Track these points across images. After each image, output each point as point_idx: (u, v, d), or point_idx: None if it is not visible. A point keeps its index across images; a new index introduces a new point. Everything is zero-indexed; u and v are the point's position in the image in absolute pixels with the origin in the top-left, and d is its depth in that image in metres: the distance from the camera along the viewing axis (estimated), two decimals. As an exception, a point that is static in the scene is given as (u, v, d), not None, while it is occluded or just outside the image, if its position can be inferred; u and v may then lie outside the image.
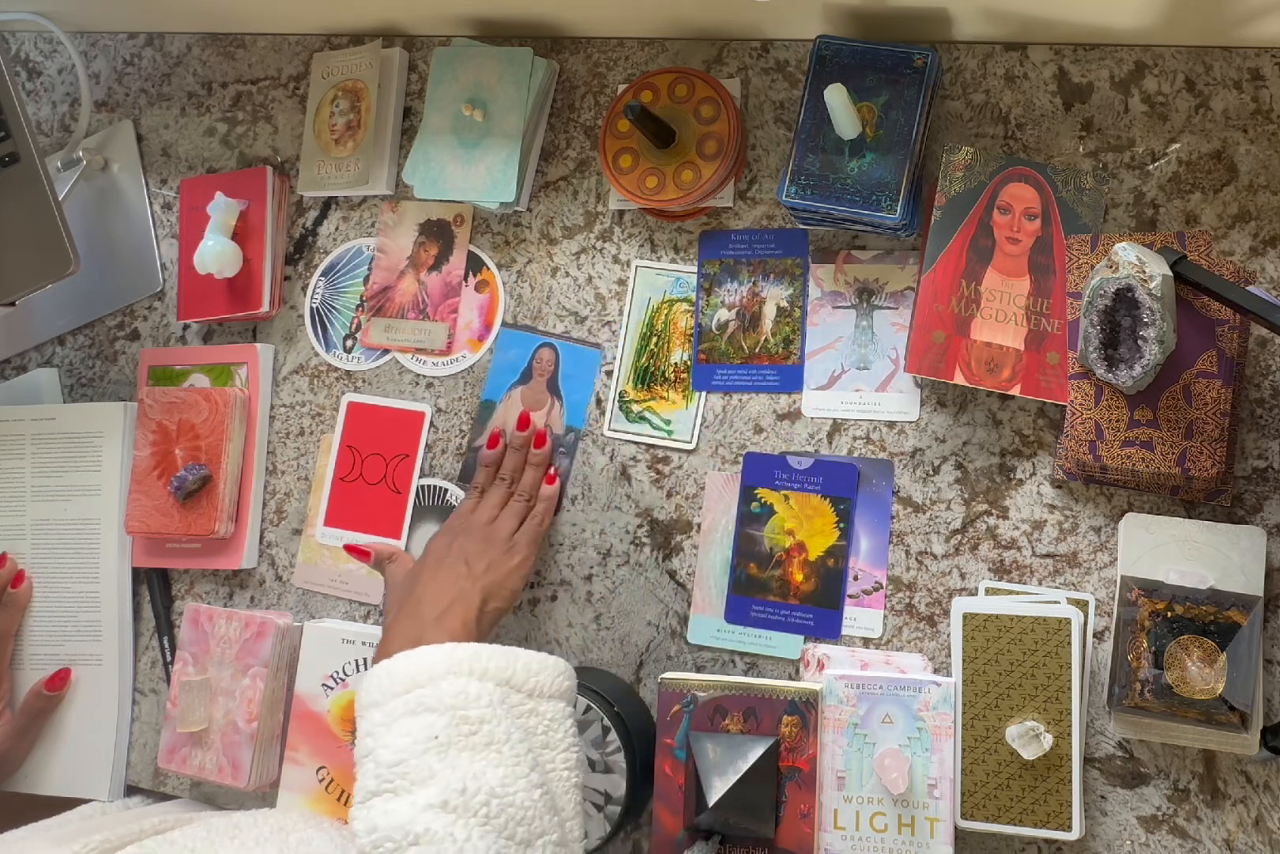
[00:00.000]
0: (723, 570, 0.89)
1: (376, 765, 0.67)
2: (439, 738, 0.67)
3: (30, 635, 1.04)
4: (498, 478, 0.92)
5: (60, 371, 1.12)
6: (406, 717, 0.69)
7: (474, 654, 0.72)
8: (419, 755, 0.67)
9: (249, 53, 1.09)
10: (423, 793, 0.65)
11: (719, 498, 0.89)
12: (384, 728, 0.69)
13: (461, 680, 0.70)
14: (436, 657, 0.71)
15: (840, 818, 0.80)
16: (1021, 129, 0.85)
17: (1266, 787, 0.76)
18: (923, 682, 0.80)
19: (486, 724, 0.68)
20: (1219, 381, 0.73)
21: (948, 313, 0.82)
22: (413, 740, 0.67)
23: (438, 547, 0.87)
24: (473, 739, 0.68)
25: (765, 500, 0.88)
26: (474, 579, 0.83)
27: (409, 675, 0.71)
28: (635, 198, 0.90)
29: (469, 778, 0.66)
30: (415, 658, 0.72)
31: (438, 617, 0.79)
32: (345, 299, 1.03)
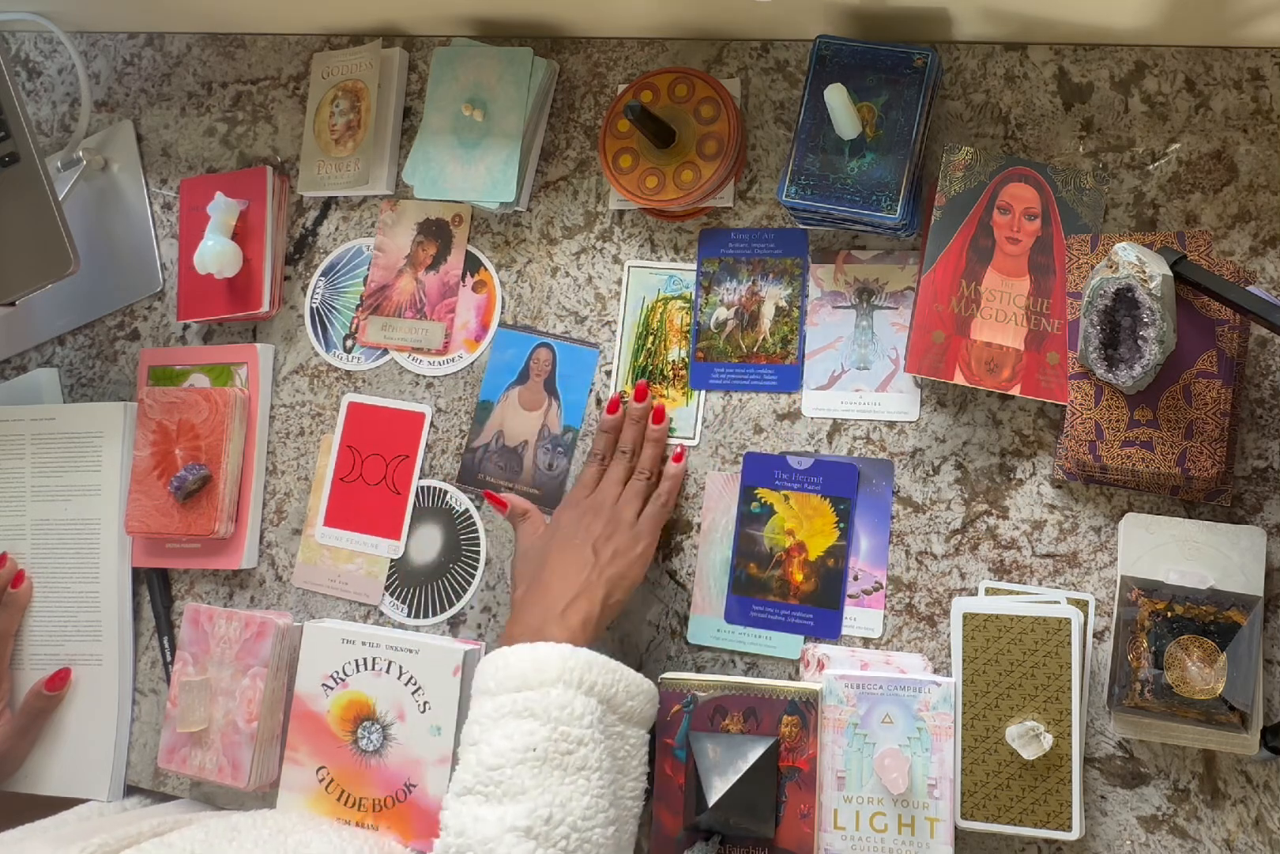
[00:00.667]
0: (723, 570, 0.89)
1: (478, 763, 0.72)
2: (537, 751, 0.71)
3: (30, 635, 1.04)
4: (619, 450, 0.90)
5: (60, 371, 1.12)
6: (512, 717, 0.73)
7: (586, 664, 0.75)
8: (515, 764, 0.71)
9: (249, 53, 1.09)
10: (512, 809, 0.70)
11: (719, 498, 0.89)
12: (491, 722, 0.73)
13: (569, 693, 0.73)
14: (552, 659, 0.75)
15: (840, 818, 0.80)
16: (1021, 129, 0.85)
17: (1266, 787, 0.76)
18: (923, 682, 0.80)
19: (583, 747, 0.72)
20: (1219, 381, 0.73)
21: (948, 313, 0.82)
22: (512, 746, 0.71)
23: (566, 522, 0.87)
24: (567, 760, 0.71)
25: (765, 500, 0.88)
26: (600, 570, 0.83)
27: (522, 673, 0.74)
28: (635, 198, 0.90)
29: (556, 805, 0.70)
30: (533, 654, 0.75)
31: (563, 610, 0.80)
32: (345, 299, 1.03)
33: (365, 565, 0.99)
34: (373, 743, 0.92)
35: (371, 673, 0.93)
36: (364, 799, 0.92)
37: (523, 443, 0.95)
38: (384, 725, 0.92)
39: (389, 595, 0.98)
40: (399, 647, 0.93)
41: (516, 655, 0.75)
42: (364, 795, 0.92)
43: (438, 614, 0.96)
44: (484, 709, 0.75)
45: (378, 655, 0.93)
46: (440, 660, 0.91)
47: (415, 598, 0.97)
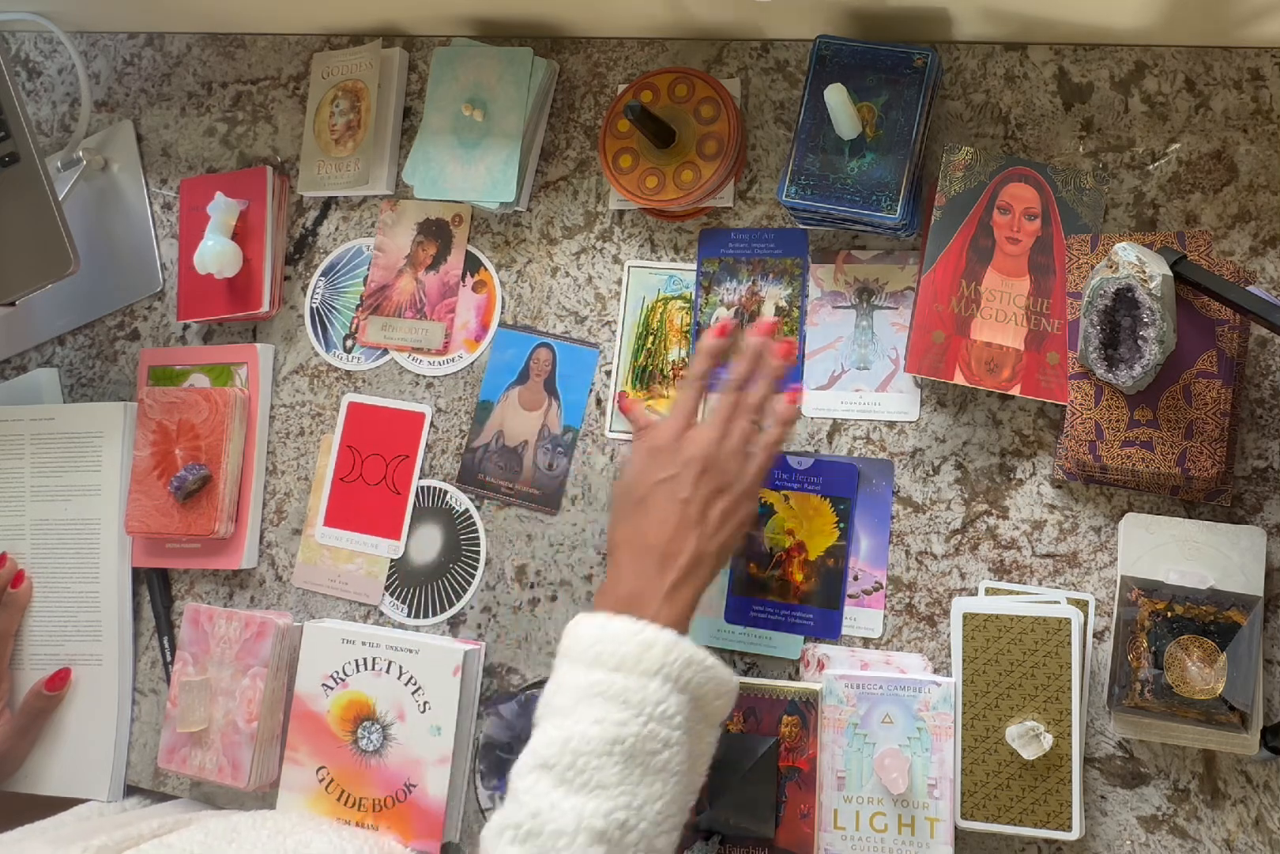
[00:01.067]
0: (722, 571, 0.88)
1: (563, 742, 0.68)
2: (625, 745, 0.68)
3: (30, 635, 1.04)
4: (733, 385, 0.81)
5: (60, 371, 1.12)
6: (606, 701, 0.69)
7: (687, 662, 0.71)
8: (601, 755, 0.68)
9: (249, 53, 1.09)
10: (590, 805, 0.67)
11: None
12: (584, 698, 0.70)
13: (666, 689, 0.69)
14: (657, 648, 0.70)
15: (840, 818, 0.80)
16: (1021, 129, 0.85)
17: (1266, 787, 0.76)
18: (923, 682, 0.80)
19: (669, 749, 0.69)
20: (1219, 381, 0.73)
21: (948, 313, 0.82)
22: (602, 734, 0.68)
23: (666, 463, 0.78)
24: (652, 760, 0.68)
25: (765, 500, 0.88)
26: (709, 539, 0.76)
27: (623, 654, 0.70)
28: (635, 198, 0.90)
29: (632, 809, 0.67)
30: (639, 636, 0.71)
31: (671, 586, 0.74)
32: (345, 299, 1.03)
33: (365, 565, 0.99)
34: (373, 743, 0.92)
35: (371, 673, 0.93)
36: (364, 799, 0.92)
37: (523, 443, 0.95)
38: (384, 725, 0.92)
39: (389, 595, 0.98)
40: (399, 647, 0.93)
41: (621, 632, 0.71)
42: (364, 795, 0.92)
43: (438, 614, 0.96)
44: (576, 679, 0.71)
45: (378, 655, 0.93)
46: (440, 660, 0.91)
47: (415, 598, 0.97)
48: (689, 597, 0.75)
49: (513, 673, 0.93)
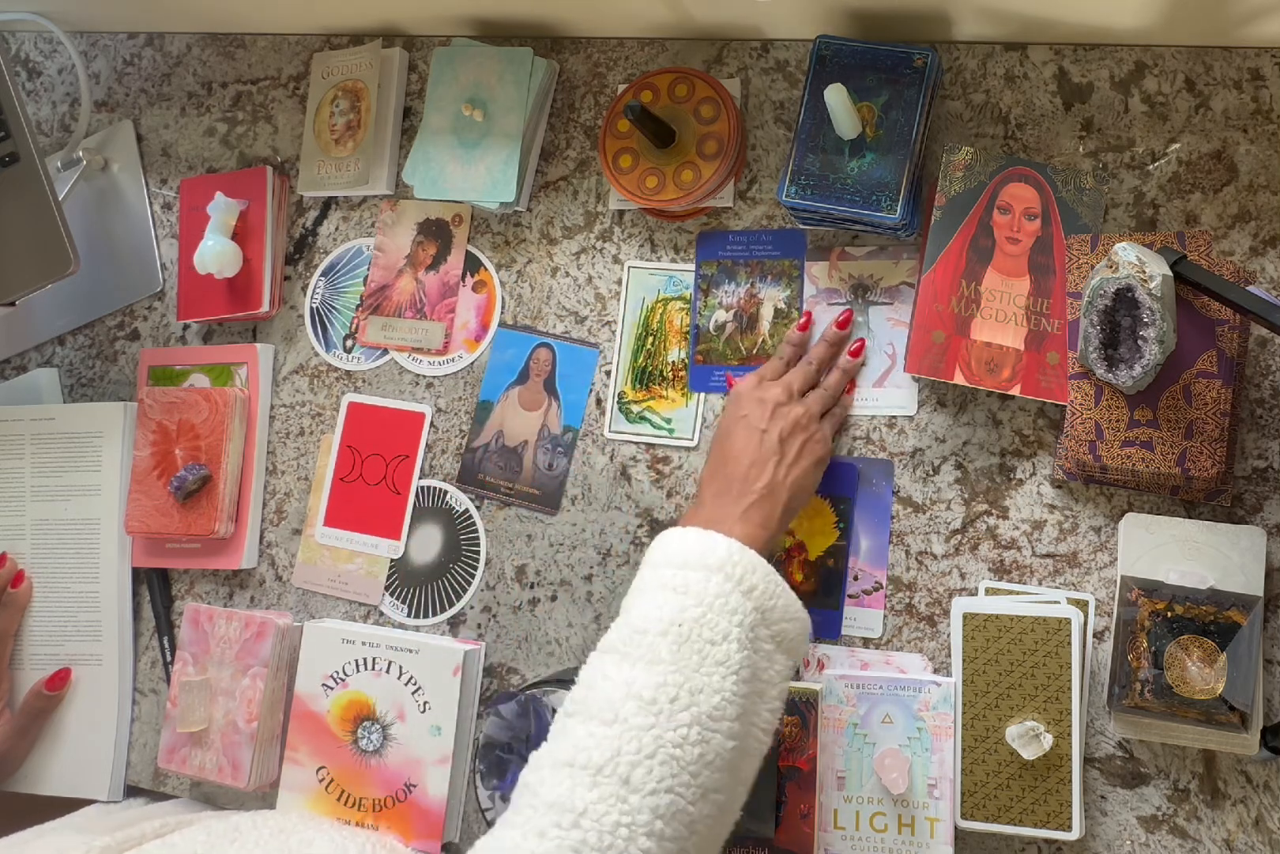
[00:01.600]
0: None
1: (625, 624, 0.71)
2: (683, 627, 0.69)
3: (30, 635, 1.04)
4: (804, 360, 0.87)
5: (60, 371, 1.12)
6: (668, 590, 0.71)
7: (751, 565, 0.73)
8: (658, 633, 0.69)
9: (249, 53, 1.09)
10: (642, 676, 0.68)
11: None
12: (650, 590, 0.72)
13: (728, 585, 0.71)
14: (720, 547, 0.73)
15: (840, 818, 0.80)
16: (1021, 129, 0.85)
17: (1266, 787, 0.76)
18: (923, 682, 0.80)
19: (727, 643, 0.69)
20: (1219, 381, 0.73)
21: (948, 313, 0.82)
22: (660, 615, 0.70)
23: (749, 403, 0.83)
24: (709, 649, 0.69)
25: None
26: (787, 469, 0.80)
27: (687, 551, 0.73)
28: (635, 198, 0.90)
29: (685, 689, 0.67)
30: (703, 539, 0.74)
31: (744, 509, 0.78)
32: (345, 299, 1.03)
33: (365, 565, 0.99)
34: (373, 743, 0.92)
35: (371, 673, 0.93)
36: (364, 799, 0.92)
37: (523, 443, 0.95)
38: (384, 725, 0.92)
39: (389, 595, 0.98)
40: (399, 647, 0.93)
41: (688, 536, 0.74)
42: (364, 795, 0.92)
43: (438, 614, 0.96)
44: (644, 579, 0.74)
45: (378, 655, 0.93)
46: (440, 660, 0.91)
47: (415, 598, 0.97)
48: (760, 519, 0.78)
49: (513, 673, 0.93)
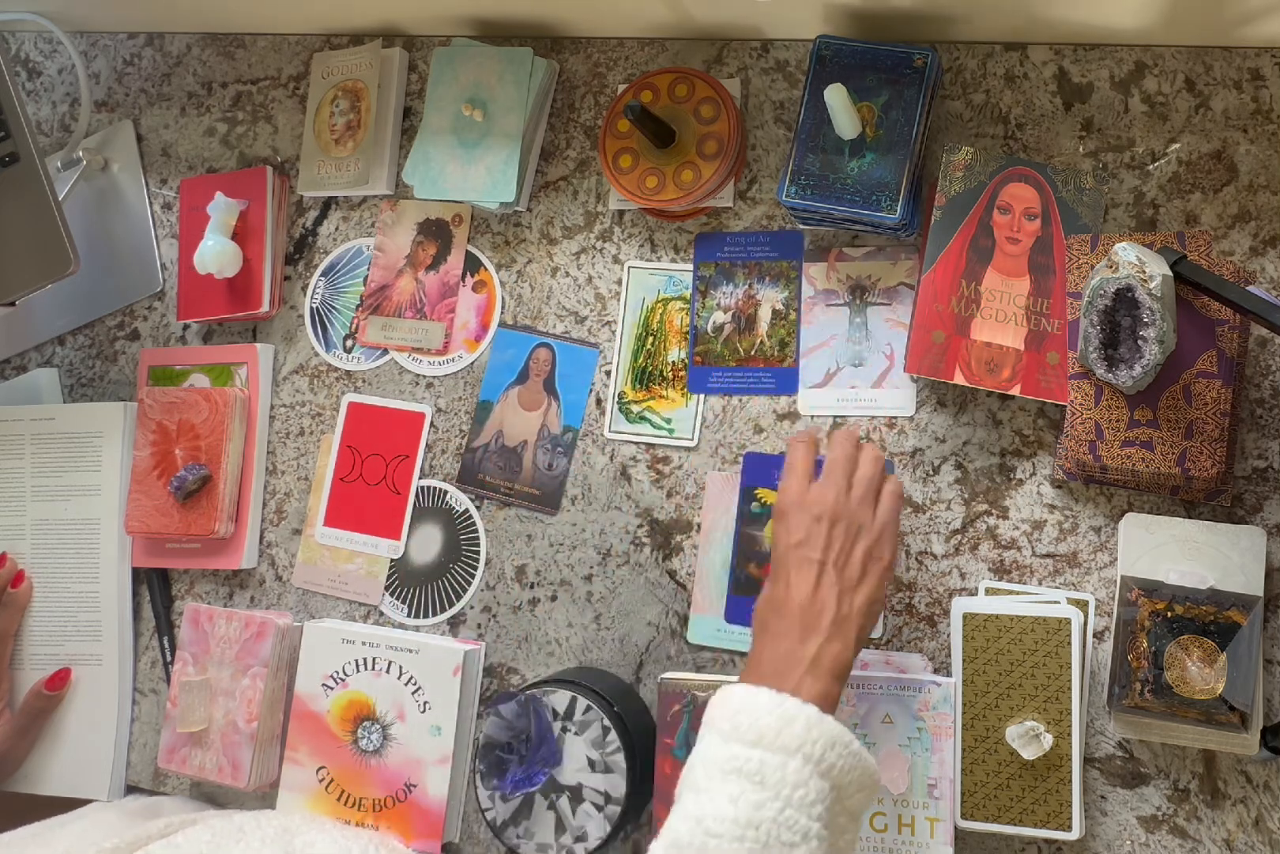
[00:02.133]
0: (723, 570, 0.88)
1: (698, 821, 0.64)
2: (760, 831, 0.63)
3: (30, 635, 1.04)
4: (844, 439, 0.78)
5: (60, 371, 1.12)
6: (742, 778, 0.65)
7: (831, 741, 0.66)
8: (733, 840, 0.63)
9: (249, 53, 1.09)
10: None
11: (719, 498, 0.89)
12: (719, 774, 0.65)
13: (806, 770, 0.65)
14: (798, 724, 0.66)
15: (840, 818, 0.80)
16: (1021, 129, 0.85)
17: (1266, 787, 0.76)
18: (923, 682, 0.80)
19: (807, 843, 0.64)
20: (1219, 381, 0.73)
21: (948, 313, 0.82)
22: (735, 816, 0.63)
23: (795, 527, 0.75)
24: (789, 853, 0.63)
25: (765, 501, 0.88)
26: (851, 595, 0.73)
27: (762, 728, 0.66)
28: (635, 198, 0.90)
29: None
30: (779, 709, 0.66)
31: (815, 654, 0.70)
32: (345, 299, 1.03)
33: (365, 565, 0.99)
34: (373, 743, 0.92)
35: (371, 673, 0.93)
36: (364, 799, 0.92)
37: (522, 443, 0.95)
38: (384, 725, 0.92)
39: (389, 595, 0.98)
40: (399, 647, 0.93)
41: (761, 703, 0.67)
42: (364, 795, 0.92)
43: (438, 614, 0.96)
44: (714, 753, 0.66)
45: (378, 655, 0.93)
46: (440, 660, 0.91)
47: (415, 598, 0.97)
48: (834, 665, 0.71)
49: (513, 673, 0.93)
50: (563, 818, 0.83)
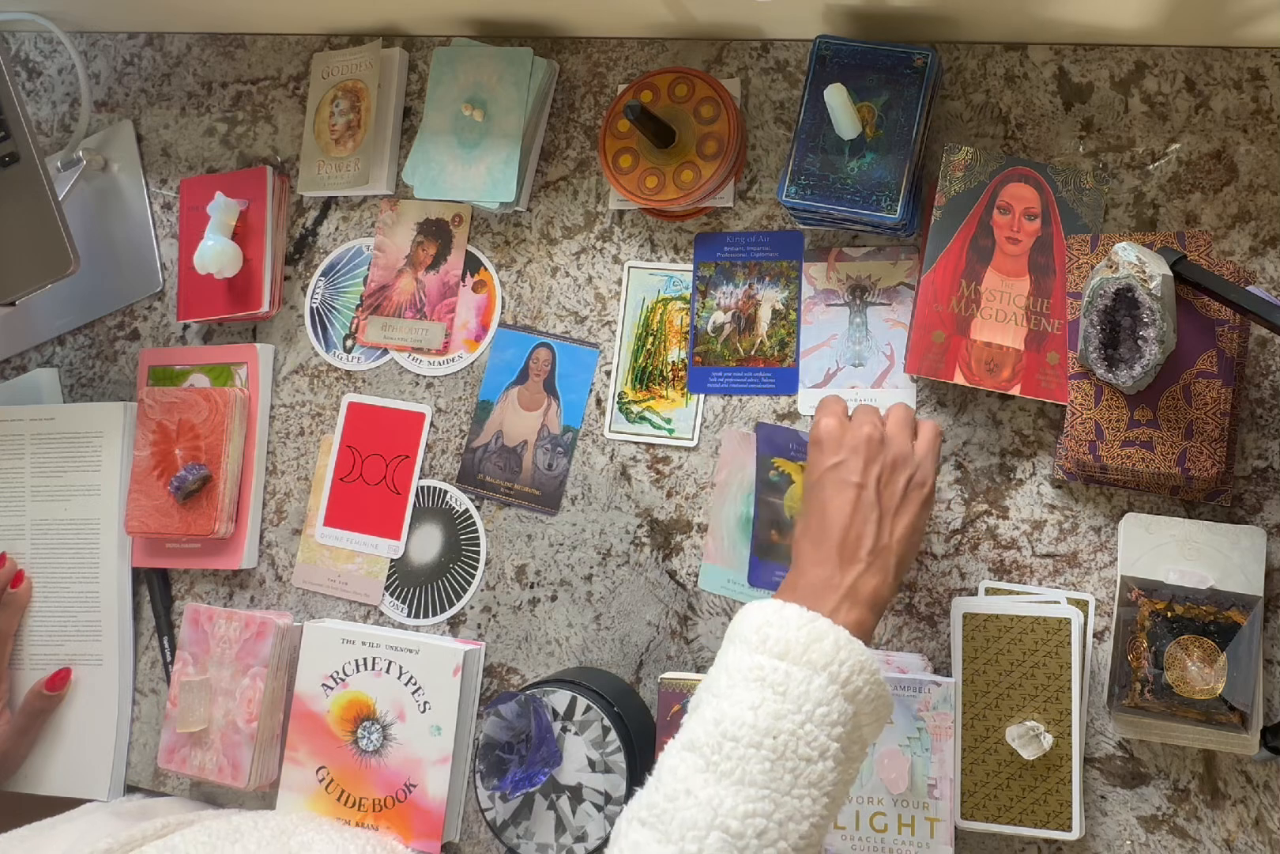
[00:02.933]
0: (736, 524, 0.88)
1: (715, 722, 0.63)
2: (778, 740, 0.62)
3: (30, 635, 1.04)
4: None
5: (60, 371, 1.12)
6: (765, 687, 0.63)
7: (858, 667, 0.65)
8: (750, 745, 0.62)
9: (249, 53, 1.09)
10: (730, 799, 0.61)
11: (734, 455, 0.89)
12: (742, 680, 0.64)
13: (831, 689, 0.63)
14: (827, 642, 0.64)
15: (840, 818, 0.80)
16: (1021, 129, 0.85)
17: (1266, 787, 0.76)
18: (923, 682, 0.80)
19: (824, 761, 0.63)
20: (1219, 381, 0.73)
21: (948, 313, 0.82)
22: (754, 722, 0.62)
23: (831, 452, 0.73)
24: (804, 769, 0.62)
25: (783, 469, 0.87)
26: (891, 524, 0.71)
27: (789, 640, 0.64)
28: (635, 198, 0.90)
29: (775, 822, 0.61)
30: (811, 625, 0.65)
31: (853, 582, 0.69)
32: (345, 299, 1.03)
33: (365, 565, 0.99)
34: (373, 743, 0.92)
35: (371, 673, 0.93)
36: (364, 799, 0.92)
37: (522, 443, 0.95)
38: (384, 725, 0.92)
39: (389, 595, 0.98)
40: (399, 647, 0.93)
41: (793, 617, 0.65)
42: (364, 795, 0.92)
43: (438, 614, 0.96)
44: (739, 662, 0.65)
45: (378, 655, 0.93)
46: (440, 660, 0.91)
47: (415, 598, 0.97)
48: (870, 593, 0.69)
49: (513, 673, 0.93)
50: (563, 818, 0.83)
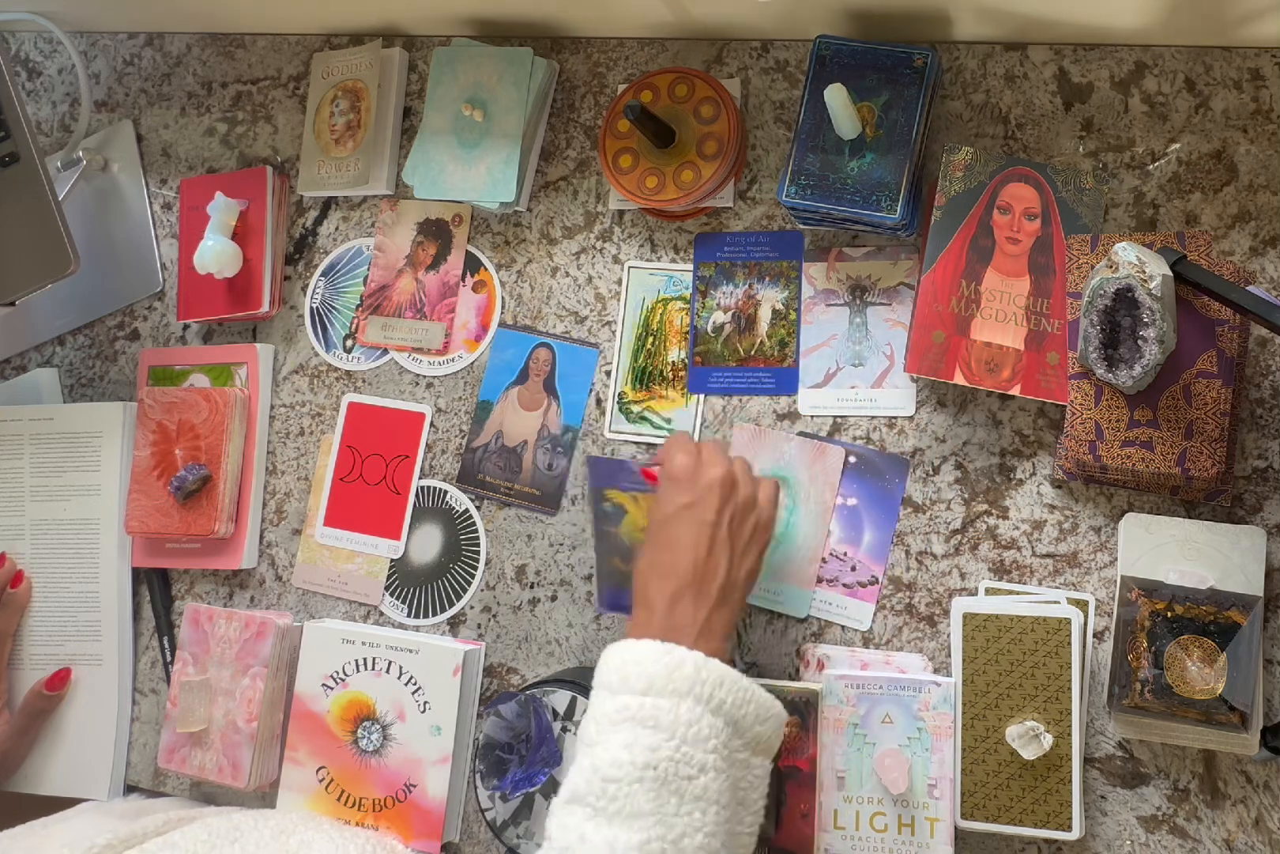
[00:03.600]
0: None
1: (593, 769, 0.66)
2: (658, 770, 0.65)
3: (30, 635, 1.04)
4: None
5: (60, 371, 1.12)
6: (635, 724, 0.67)
7: (719, 679, 0.68)
8: (633, 781, 0.65)
9: (249, 53, 1.09)
10: (624, 835, 0.63)
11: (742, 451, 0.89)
12: (610, 724, 0.67)
13: (698, 709, 0.67)
14: (685, 667, 0.68)
15: (840, 818, 0.80)
16: (1021, 129, 0.85)
17: (1266, 787, 0.76)
18: (923, 682, 0.80)
19: (705, 774, 0.66)
20: (1219, 381, 0.73)
21: (948, 313, 0.82)
22: (632, 759, 0.65)
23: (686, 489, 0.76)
24: (687, 786, 0.65)
25: (615, 500, 0.86)
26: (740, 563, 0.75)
27: (650, 675, 0.68)
28: (635, 198, 0.90)
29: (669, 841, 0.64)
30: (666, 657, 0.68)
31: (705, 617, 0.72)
32: (345, 299, 1.03)
33: (365, 565, 0.99)
34: (373, 743, 0.92)
35: (371, 673, 0.93)
36: (364, 799, 0.92)
37: (522, 443, 0.95)
38: (384, 725, 0.92)
39: (389, 595, 0.98)
40: (399, 647, 0.93)
41: (647, 654, 0.69)
42: (364, 795, 0.92)
43: (438, 614, 0.96)
44: (604, 708, 0.68)
45: (378, 655, 0.93)
46: (440, 660, 0.91)
47: (415, 598, 0.97)
48: (723, 627, 0.73)
49: (513, 673, 0.93)
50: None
